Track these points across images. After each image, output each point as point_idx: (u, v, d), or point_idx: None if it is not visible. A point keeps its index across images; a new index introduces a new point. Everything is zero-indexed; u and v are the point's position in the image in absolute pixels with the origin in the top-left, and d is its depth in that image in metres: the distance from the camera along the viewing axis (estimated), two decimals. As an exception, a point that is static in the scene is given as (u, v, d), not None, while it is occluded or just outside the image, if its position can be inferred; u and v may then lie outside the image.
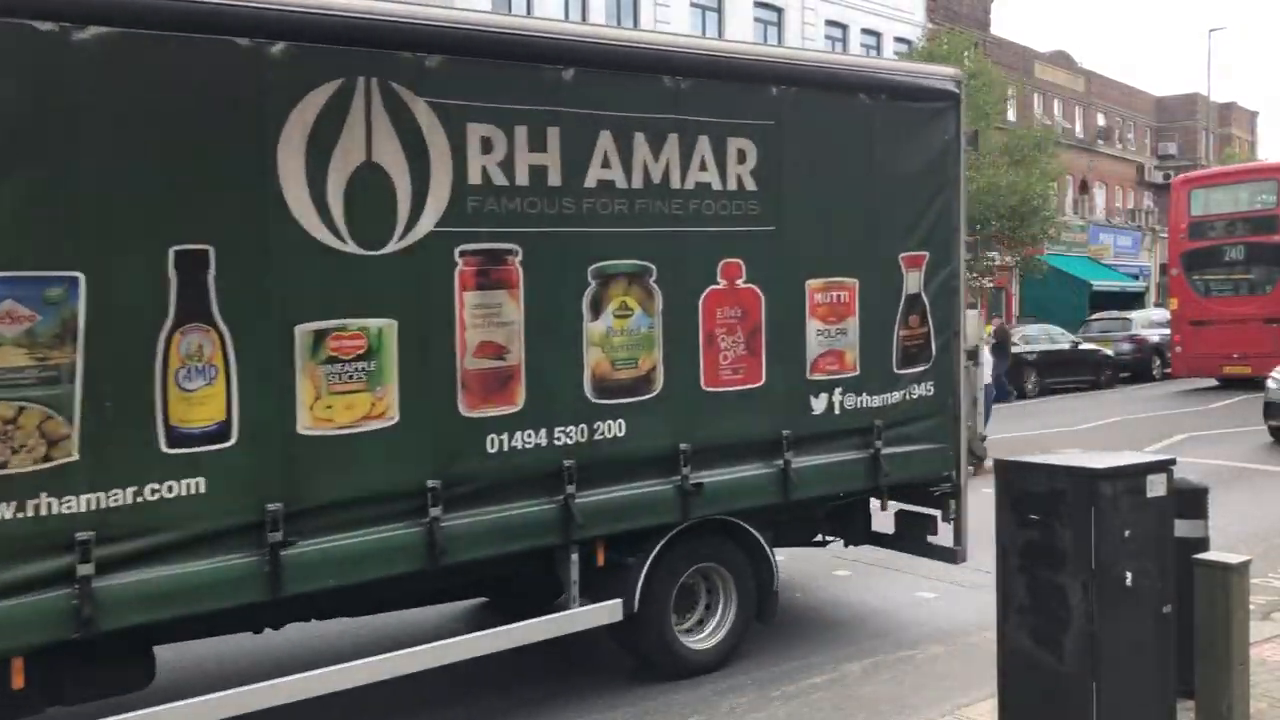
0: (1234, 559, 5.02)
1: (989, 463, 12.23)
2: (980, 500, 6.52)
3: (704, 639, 6.41)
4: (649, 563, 5.95)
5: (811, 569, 8.88)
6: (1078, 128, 50.90)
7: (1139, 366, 26.97)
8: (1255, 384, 20.83)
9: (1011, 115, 39.91)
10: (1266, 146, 70.26)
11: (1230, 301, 23.12)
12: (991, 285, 33.98)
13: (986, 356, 14.27)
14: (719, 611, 6.49)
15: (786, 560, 9.12)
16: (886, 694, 6.01)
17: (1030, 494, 4.62)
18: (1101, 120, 53.59)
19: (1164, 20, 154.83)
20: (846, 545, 7.80)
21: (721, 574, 6.43)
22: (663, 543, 5.98)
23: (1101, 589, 4.42)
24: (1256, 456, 14.17)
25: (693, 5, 30.96)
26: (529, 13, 26.91)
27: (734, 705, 5.88)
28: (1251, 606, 5.67)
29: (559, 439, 5.61)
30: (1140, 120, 57.93)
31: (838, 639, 7.02)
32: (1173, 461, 4.76)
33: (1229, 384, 22.74)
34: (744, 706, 5.86)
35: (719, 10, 31.77)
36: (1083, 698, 4.44)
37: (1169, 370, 25.69)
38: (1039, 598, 4.58)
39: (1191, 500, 5.29)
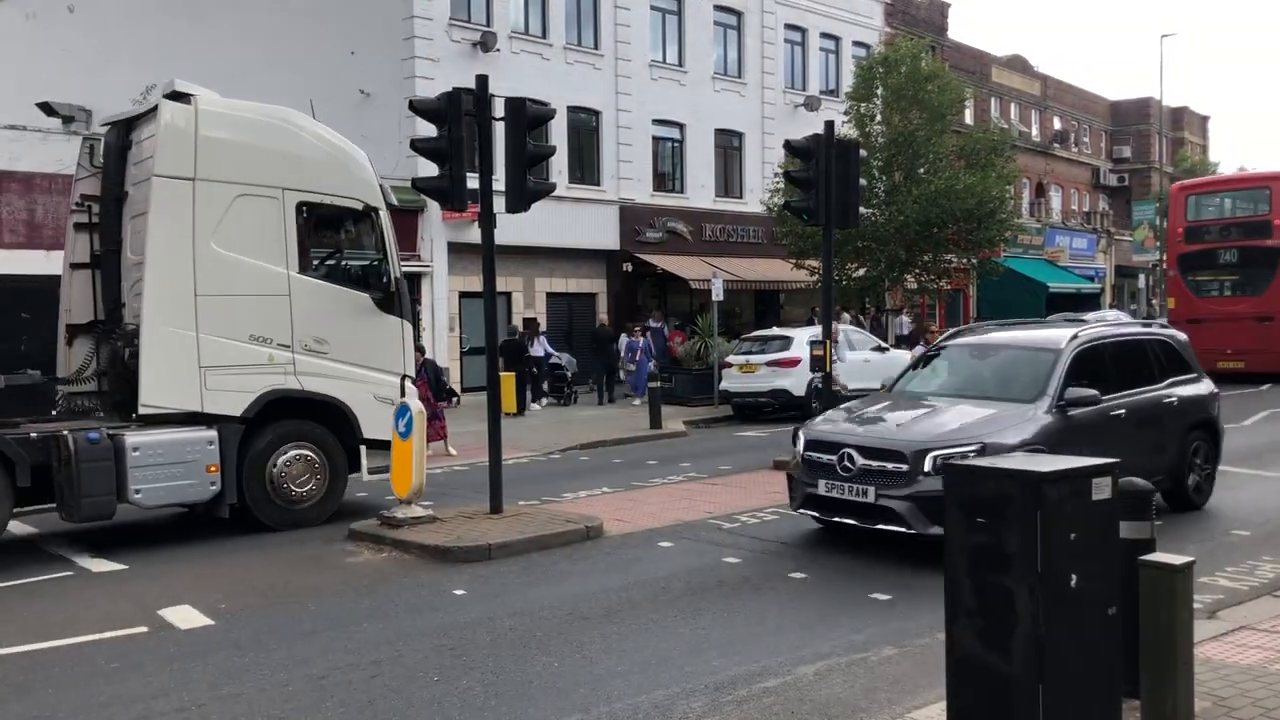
0: (1179, 560, 5.07)
1: None
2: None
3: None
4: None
5: (768, 571, 8.90)
6: (1034, 131, 51.44)
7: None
8: (1245, 379, 22.62)
9: (969, 118, 40.24)
10: (1218, 150, 71.50)
11: (1224, 301, 24.49)
12: (949, 287, 34.22)
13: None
14: None
15: (743, 562, 9.16)
16: (839, 697, 6.02)
17: (977, 498, 4.65)
18: (1057, 124, 54.20)
19: (1118, 25, 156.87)
20: None
21: None
22: None
23: (1048, 592, 4.45)
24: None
25: (653, 8, 30.96)
26: (488, 18, 26.81)
27: (687, 711, 5.86)
28: (1196, 606, 5.73)
29: None
30: (1095, 124, 58.66)
31: (793, 642, 7.02)
32: (1116, 464, 4.80)
33: (1218, 379, 23.49)
34: (697, 711, 5.84)
35: (679, 13, 31.80)
36: (1029, 700, 4.46)
37: None
38: (987, 601, 4.60)
39: (1136, 502, 5.33)
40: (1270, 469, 13.32)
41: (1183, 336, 11.92)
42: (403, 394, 10.92)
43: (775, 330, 23.77)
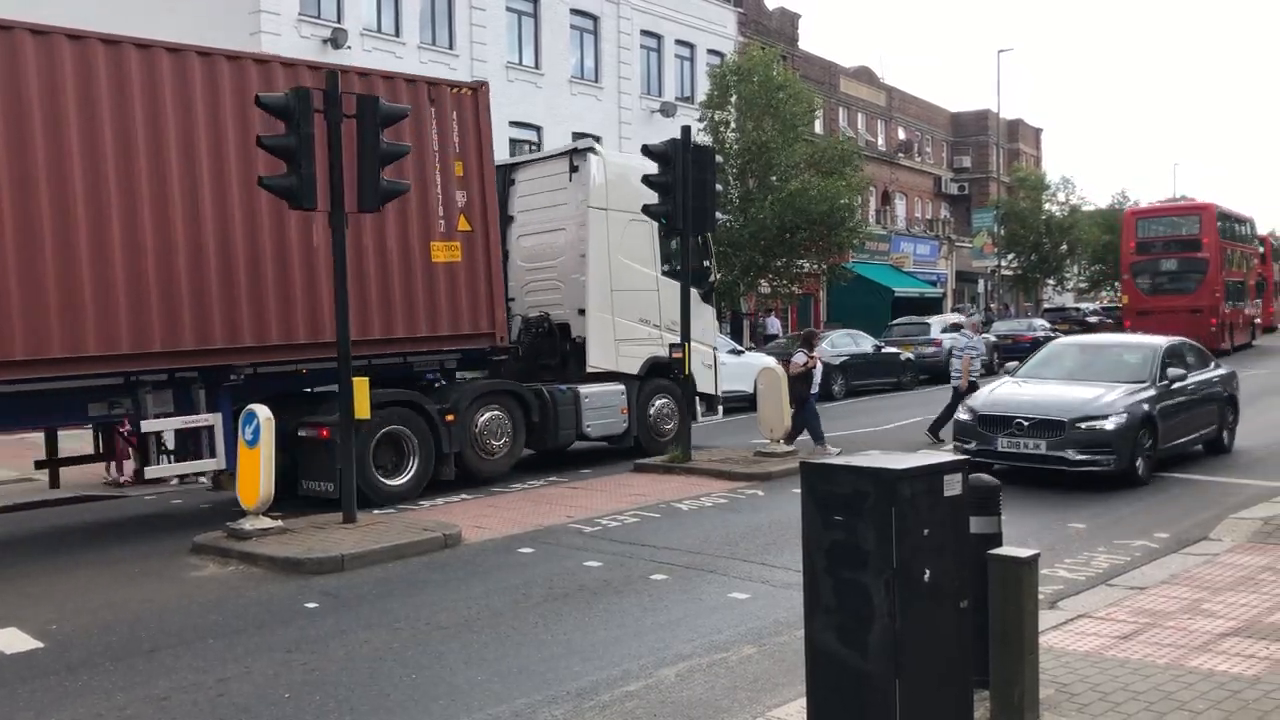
0: (1024, 553, 5.24)
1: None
2: (791, 500, 6.63)
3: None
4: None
5: (629, 573, 8.89)
6: (880, 141, 53.14)
7: (938, 369, 28.36)
8: None
9: (819, 128, 41.29)
10: (1050, 161, 75.21)
11: (1165, 298, 32.43)
12: (801, 292, 35.05)
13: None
14: None
15: (604, 565, 9.13)
16: (700, 698, 6.03)
17: (834, 495, 4.71)
18: (902, 134, 56.12)
19: (959, 40, 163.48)
20: None
21: None
22: None
23: (903, 587, 4.53)
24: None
25: (509, 9, 30.76)
26: (339, 16, 26.17)
27: (549, 719, 5.78)
28: (1040, 596, 5.95)
29: None
30: (938, 134, 61.00)
31: (653, 644, 7.01)
32: (967, 461, 4.93)
33: None
34: (559, 718, 5.77)
35: (535, 16, 31.69)
36: (886, 694, 4.54)
37: None
38: (844, 597, 4.66)
39: (985, 498, 5.50)
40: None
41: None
42: (714, 363, 16.63)
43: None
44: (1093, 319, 41.95)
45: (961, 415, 13.38)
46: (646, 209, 14.29)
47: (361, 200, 10.27)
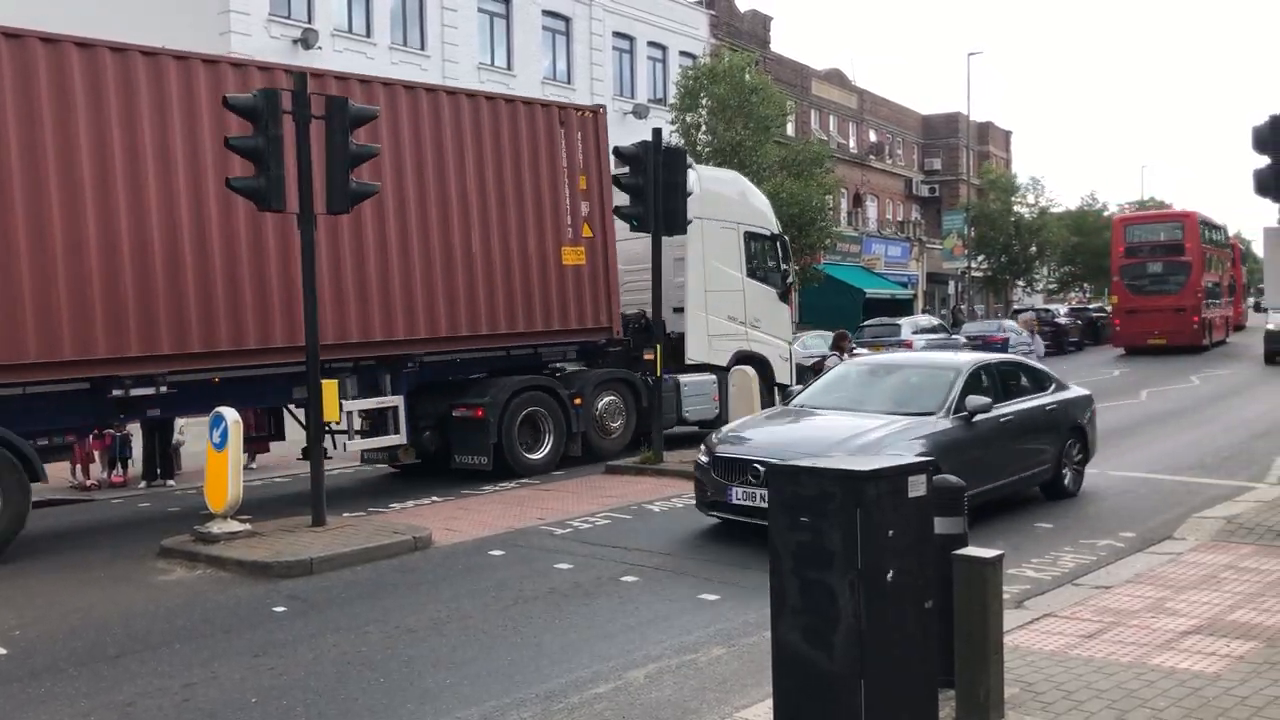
0: (989, 553, 5.30)
1: None
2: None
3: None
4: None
5: (599, 576, 8.90)
6: (851, 143, 53.39)
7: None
8: (1167, 350, 33.74)
9: (790, 130, 41.46)
10: (1020, 163, 75.82)
11: (1151, 298, 34.99)
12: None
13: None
14: None
15: (575, 568, 9.13)
16: (669, 699, 6.04)
17: (800, 497, 4.74)
18: (873, 136, 56.40)
19: (929, 42, 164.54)
20: None
21: None
22: None
23: (868, 587, 4.57)
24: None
25: (480, 10, 30.69)
26: (309, 14, 26.03)
27: (518, 720, 5.79)
28: (1005, 596, 6.01)
29: None
30: (909, 137, 61.33)
31: (623, 646, 7.02)
32: (932, 462, 4.98)
33: (1148, 352, 34.21)
34: (527, 721, 5.78)
35: (507, 17, 31.62)
36: (851, 694, 4.57)
37: None
38: (810, 598, 4.69)
39: (949, 498, 5.55)
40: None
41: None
42: (789, 357, 18.52)
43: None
44: (1064, 320, 42.27)
45: (700, 456, 10.50)
46: (617, 210, 14.38)
47: (330, 202, 10.22)
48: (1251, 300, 36.41)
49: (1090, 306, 53.62)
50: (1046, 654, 6.31)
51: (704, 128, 30.43)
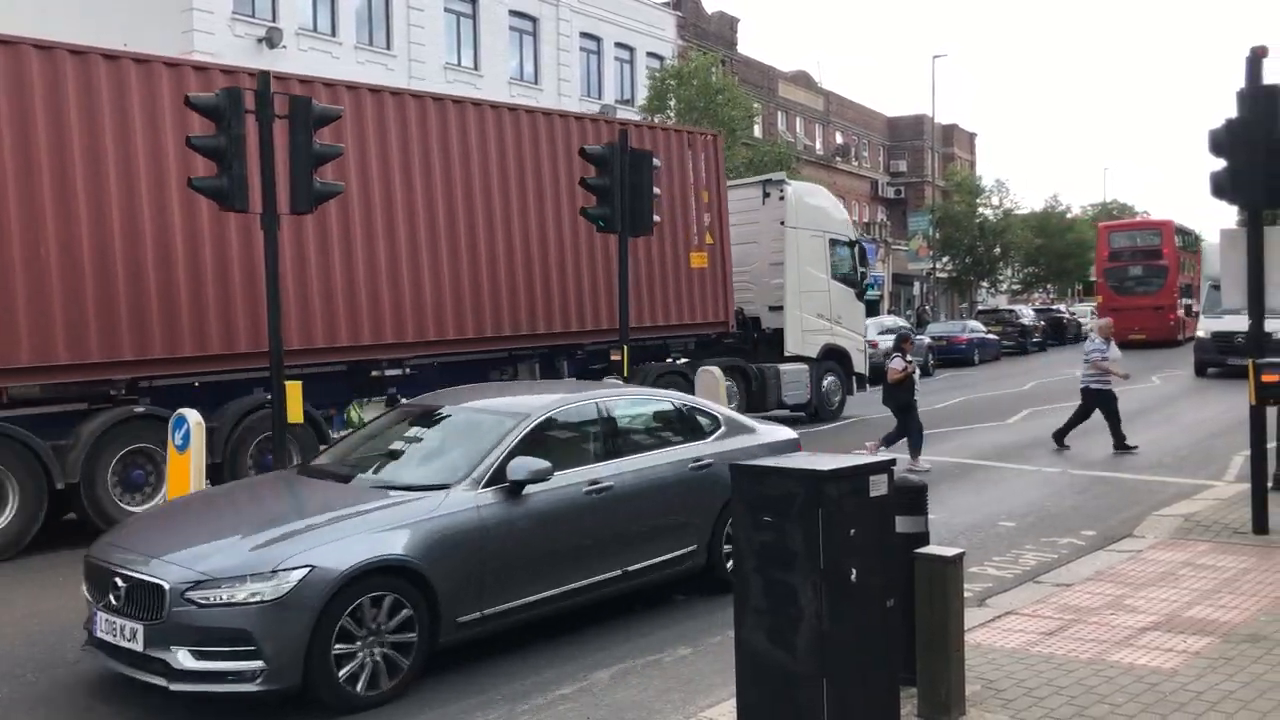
0: (950, 552, 5.35)
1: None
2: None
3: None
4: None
5: (564, 578, 8.86)
6: (818, 145, 53.65)
7: (875, 371, 28.75)
8: (1148, 345, 35.79)
9: (758, 131, 41.60)
10: (984, 165, 76.46)
11: (1133, 298, 38.16)
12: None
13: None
14: None
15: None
16: (633, 700, 6.05)
17: (764, 497, 4.76)
18: (839, 138, 56.71)
19: (895, 45, 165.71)
20: None
21: None
22: None
23: (830, 587, 4.59)
24: (981, 453, 15.30)
25: (447, 10, 30.58)
26: (274, 13, 25.84)
27: (482, 722, 5.78)
28: (967, 594, 6.07)
29: None
30: (874, 139, 61.72)
31: (588, 647, 7.02)
32: (893, 462, 5.01)
33: (1130, 346, 33.98)
34: (492, 723, 5.77)
35: (474, 17, 31.53)
36: (814, 693, 4.59)
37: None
38: (773, 598, 4.71)
39: (911, 497, 5.59)
40: (1030, 462, 14.27)
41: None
42: (865, 350, 21.30)
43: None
44: (1027, 320, 42.70)
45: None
46: (583, 211, 14.41)
47: (294, 202, 10.14)
48: (1184, 303, 38.22)
49: (1054, 307, 54.21)
50: (1008, 651, 6.37)
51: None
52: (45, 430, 10.46)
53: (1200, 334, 26.95)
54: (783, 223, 19.27)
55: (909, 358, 14.50)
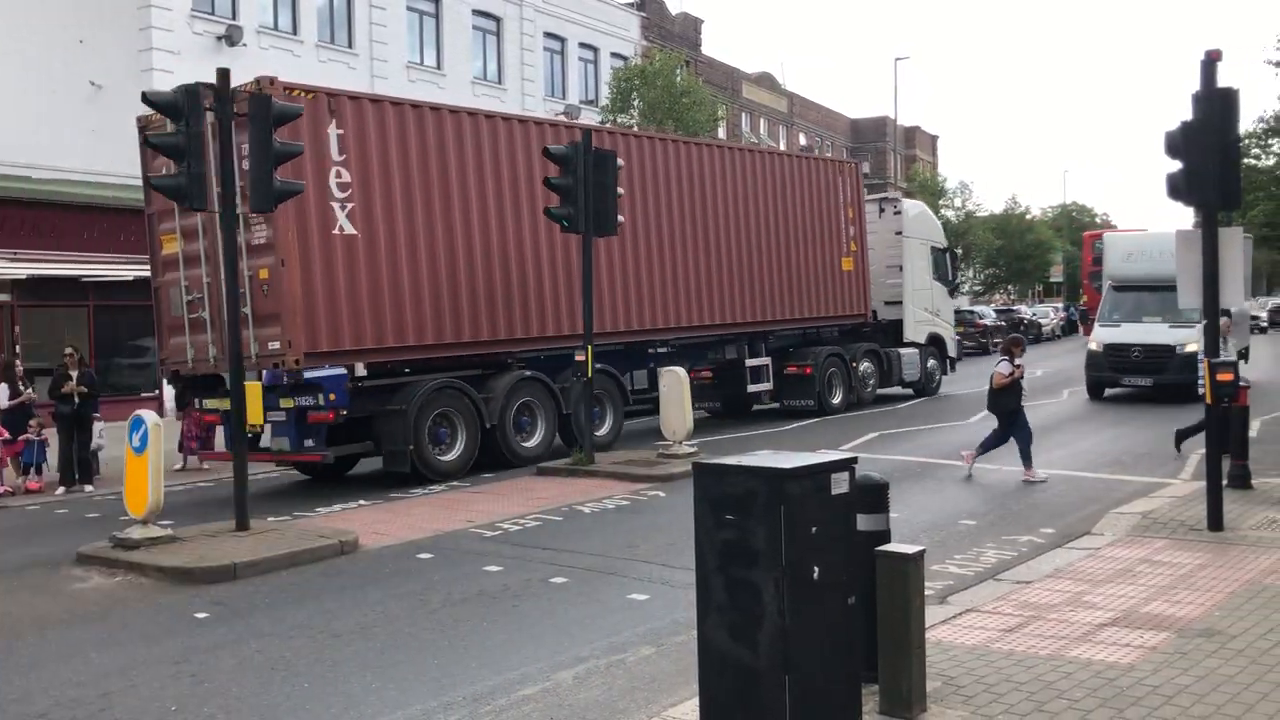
0: (911, 549, 5.38)
1: None
2: (691, 501, 6.67)
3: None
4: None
5: (529, 577, 8.86)
6: (782, 146, 53.82)
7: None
8: None
9: (722, 133, 41.68)
10: (946, 167, 77.03)
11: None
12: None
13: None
14: None
15: (504, 570, 9.08)
16: (597, 699, 6.04)
17: (726, 495, 4.76)
18: (803, 140, 56.94)
19: (857, 46, 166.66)
20: None
21: None
22: None
23: (792, 585, 4.60)
24: (938, 452, 15.41)
25: (409, 9, 30.40)
26: (234, 11, 25.58)
27: (444, 724, 5.74)
28: (928, 592, 6.11)
29: None
30: (838, 140, 62.05)
31: (553, 647, 7.00)
32: (854, 460, 5.03)
33: None
34: (455, 724, 5.73)
35: (437, 16, 31.36)
36: (776, 691, 4.60)
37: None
38: (735, 596, 4.72)
39: (873, 495, 5.62)
40: (991, 461, 14.38)
41: None
42: (955, 338, 26.30)
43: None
44: (988, 321, 43.16)
45: None
46: (546, 211, 14.39)
47: (254, 200, 10.05)
48: (1064, 307, 41.27)
49: (1015, 308, 54.73)
50: (968, 648, 6.42)
51: (636, 130, 30.47)
52: (475, 385, 14.83)
53: (1092, 346, 22.80)
54: (899, 233, 23.53)
55: (1016, 361, 13.40)
